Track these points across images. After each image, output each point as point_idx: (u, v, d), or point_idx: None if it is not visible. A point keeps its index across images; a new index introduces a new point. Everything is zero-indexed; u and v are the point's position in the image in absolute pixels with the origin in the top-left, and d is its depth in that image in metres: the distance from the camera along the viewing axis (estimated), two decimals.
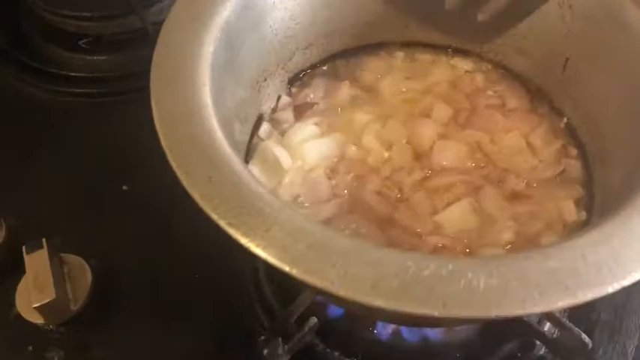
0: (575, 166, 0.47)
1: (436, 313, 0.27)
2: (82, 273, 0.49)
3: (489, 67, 0.53)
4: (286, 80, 0.51)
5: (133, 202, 0.56)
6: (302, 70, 0.52)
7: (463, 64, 0.53)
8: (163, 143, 0.33)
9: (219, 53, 0.40)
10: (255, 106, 0.49)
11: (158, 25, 0.64)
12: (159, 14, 0.67)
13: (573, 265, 0.29)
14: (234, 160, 0.33)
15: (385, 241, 0.42)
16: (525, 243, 0.42)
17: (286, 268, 0.28)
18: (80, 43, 0.67)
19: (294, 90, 0.52)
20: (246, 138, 0.47)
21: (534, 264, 0.29)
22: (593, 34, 0.45)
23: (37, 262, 0.46)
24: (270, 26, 0.47)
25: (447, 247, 0.42)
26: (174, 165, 0.32)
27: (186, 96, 0.36)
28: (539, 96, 0.51)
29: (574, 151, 0.48)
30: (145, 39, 0.65)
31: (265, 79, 0.49)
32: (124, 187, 0.57)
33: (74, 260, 0.49)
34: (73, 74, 0.65)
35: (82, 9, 0.66)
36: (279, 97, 0.51)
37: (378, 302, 0.27)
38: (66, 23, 0.67)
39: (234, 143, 0.36)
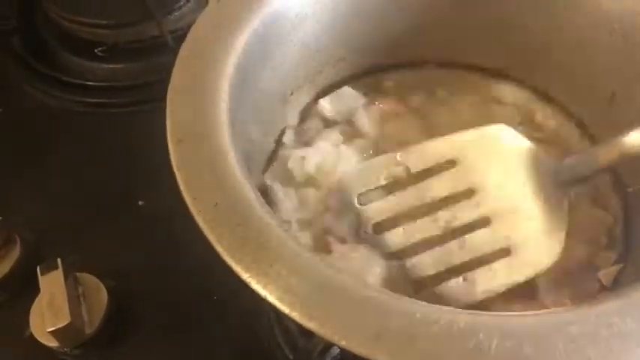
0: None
1: None
2: (98, 294, 0.49)
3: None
4: (314, 95, 0.50)
5: (150, 218, 0.56)
6: (331, 85, 0.50)
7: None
8: (173, 163, 0.33)
9: (244, 65, 0.39)
10: (279, 119, 0.48)
11: (176, 33, 0.64)
12: (177, 22, 0.66)
13: (597, 333, 0.27)
14: (245, 185, 0.32)
15: None
16: None
17: (286, 311, 0.28)
18: (96, 51, 0.66)
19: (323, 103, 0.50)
20: (269, 149, 0.46)
21: (554, 329, 0.27)
22: None
23: (52, 283, 0.46)
24: (301, 38, 0.45)
25: None
26: (182, 187, 0.32)
27: (203, 112, 0.35)
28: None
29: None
30: (162, 47, 0.64)
31: (292, 93, 0.48)
32: (140, 203, 0.56)
33: (89, 280, 0.49)
34: (89, 83, 0.65)
35: (99, 16, 0.65)
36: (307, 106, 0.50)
37: (380, 356, 0.26)
38: (82, 31, 0.66)
39: (248, 164, 0.36)
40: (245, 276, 0.29)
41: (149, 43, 0.66)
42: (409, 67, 0.51)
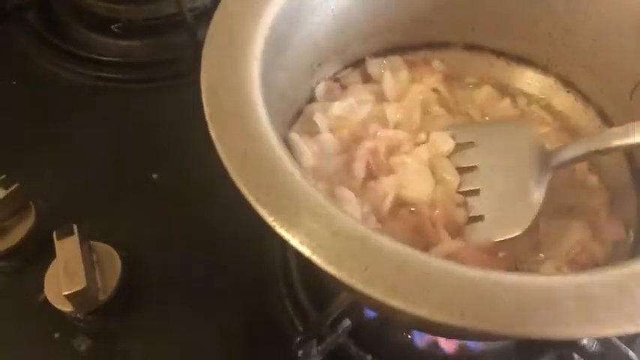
0: None
1: (452, 322, 0.27)
2: (111, 262, 0.49)
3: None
4: (341, 68, 0.51)
5: (163, 190, 0.57)
6: (358, 60, 0.51)
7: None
8: (206, 112, 0.34)
9: (277, 30, 0.41)
10: (306, 87, 0.49)
11: (194, 12, 0.65)
12: (196, 0, 0.66)
13: (610, 296, 0.28)
14: (273, 136, 0.34)
15: None
16: None
17: (307, 253, 0.29)
18: (112, 27, 0.66)
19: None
20: (296, 107, 0.47)
21: (569, 288, 0.28)
22: None
23: (67, 249, 0.47)
24: (333, 9, 0.46)
25: None
26: (213, 135, 0.33)
27: (237, 68, 0.37)
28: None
29: None
30: (178, 25, 0.64)
31: (320, 65, 0.49)
32: (154, 176, 0.57)
33: (103, 248, 0.50)
34: (104, 58, 0.66)
35: None
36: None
37: (395, 303, 0.27)
38: (98, 6, 0.66)
39: (277, 119, 0.37)
40: (270, 219, 0.30)
41: (165, 21, 0.67)
42: (435, 47, 0.52)
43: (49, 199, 0.54)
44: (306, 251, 0.29)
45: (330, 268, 0.28)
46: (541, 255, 0.42)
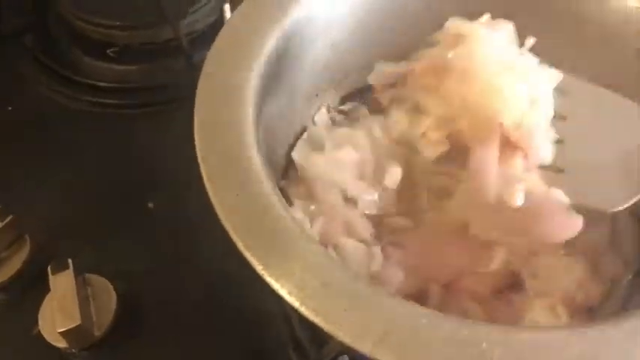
0: None
1: None
2: (107, 295, 0.49)
3: None
4: (339, 98, 0.52)
5: (159, 220, 0.57)
6: (356, 89, 0.52)
7: None
8: (198, 153, 0.34)
9: (274, 62, 0.41)
10: (302, 118, 0.49)
11: (191, 36, 0.65)
12: (192, 25, 0.66)
13: (598, 354, 0.28)
14: (266, 179, 0.34)
15: None
16: None
17: (296, 305, 0.29)
18: (108, 51, 0.66)
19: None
20: (290, 143, 0.48)
21: (556, 347, 0.28)
22: None
23: (62, 284, 0.47)
24: (331, 39, 0.47)
25: None
26: (205, 177, 0.33)
27: (231, 105, 0.37)
28: None
29: None
30: (174, 50, 0.64)
31: (317, 95, 0.49)
32: (150, 205, 0.57)
33: (98, 281, 0.50)
34: (100, 84, 0.66)
35: (111, 17, 0.66)
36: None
37: (382, 356, 0.27)
38: (95, 31, 0.67)
39: (270, 159, 0.38)
40: (259, 267, 0.30)
41: (162, 46, 0.67)
42: None
43: (45, 231, 0.54)
44: (294, 302, 0.29)
45: (317, 320, 0.28)
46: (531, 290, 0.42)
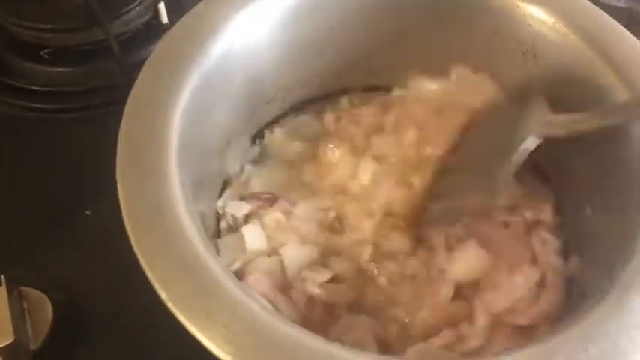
0: None
1: None
2: (43, 307, 0.50)
3: None
4: (249, 139, 0.53)
5: (97, 228, 0.56)
6: (265, 126, 0.54)
7: None
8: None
9: (187, 126, 0.42)
10: (221, 172, 0.51)
11: (121, 38, 0.64)
12: (124, 26, 0.65)
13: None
14: (193, 233, 0.36)
15: None
16: None
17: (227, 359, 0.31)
18: (42, 53, 0.65)
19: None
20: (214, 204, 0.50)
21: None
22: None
23: None
24: (237, 86, 0.47)
25: None
26: (131, 237, 0.38)
27: (155, 186, 0.40)
28: None
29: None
30: (108, 52, 0.63)
31: (229, 143, 0.50)
32: (87, 212, 0.56)
33: (34, 294, 0.50)
34: (34, 87, 0.64)
35: (42, 21, 0.64)
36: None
37: None
38: (25, 34, 0.64)
39: (203, 227, 0.40)
40: (187, 323, 0.33)
41: (96, 47, 0.66)
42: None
43: None
44: (226, 357, 0.30)
45: None
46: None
